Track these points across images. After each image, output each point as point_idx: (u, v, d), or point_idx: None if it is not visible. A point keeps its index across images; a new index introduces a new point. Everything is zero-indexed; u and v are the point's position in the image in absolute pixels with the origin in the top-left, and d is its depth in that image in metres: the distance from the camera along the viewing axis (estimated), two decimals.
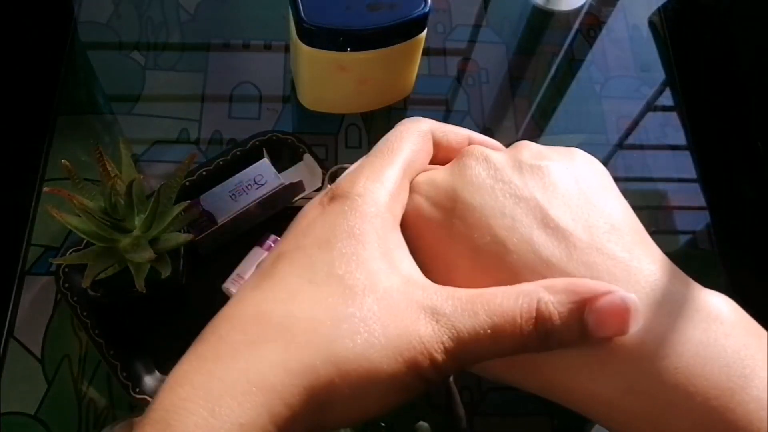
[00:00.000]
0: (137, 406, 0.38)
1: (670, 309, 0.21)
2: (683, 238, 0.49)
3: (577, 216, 0.23)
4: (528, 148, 0.25)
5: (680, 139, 0.52)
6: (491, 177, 0.24)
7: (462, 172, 0.24)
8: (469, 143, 0.27)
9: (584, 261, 0.22)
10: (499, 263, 0.23)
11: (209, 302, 0.31)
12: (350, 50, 0.42)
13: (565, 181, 0.24)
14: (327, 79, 0.46)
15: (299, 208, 0.24)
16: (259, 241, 0.42)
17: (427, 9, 0.42)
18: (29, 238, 0.44)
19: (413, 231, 0.24)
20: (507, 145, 0.27)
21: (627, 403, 0.21)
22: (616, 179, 0.26)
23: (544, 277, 0.22)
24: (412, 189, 0.25)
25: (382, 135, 0.25)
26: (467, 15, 0.56)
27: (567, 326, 0.20)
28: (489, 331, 0.20)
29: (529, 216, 0.23)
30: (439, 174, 0.25)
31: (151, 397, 0.37)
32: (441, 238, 0.24)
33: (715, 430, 0.20)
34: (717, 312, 0.21)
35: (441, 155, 0.27)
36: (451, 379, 0.41)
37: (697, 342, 0.21)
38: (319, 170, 0.44)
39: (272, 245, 0.41)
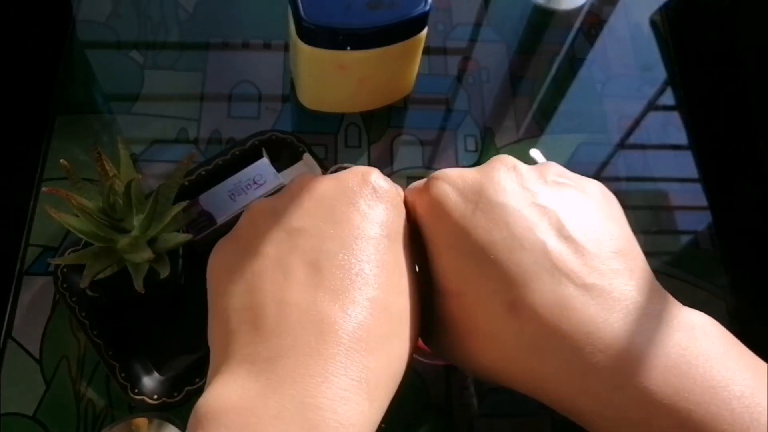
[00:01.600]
0: (136, 406, 0.38)
1: (653, 323, 0.23)
2: (685, 238, 0.49)
3: (588, 233, 0.25)
4: (554, 168, 0.28)
5: (682, 138, 0.52)
6: (518, 183, 0.26)
7: (490, 174, 0.27)
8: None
9: (593, 266, 0.24)
10: (510, 258, 0.24)
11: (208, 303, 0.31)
12: (350, 49, 0.42)
13: (580, 203, 0.26)
14: (327, 78, 0.45)
15: None
16: None
17: (427, 8, 0.41)
18: (27, 238, 0.44)
19: (434, 213, 0.27)
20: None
21: (617, 398, 0.22)
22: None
23: (552, 277, 0.24)
24: (440, 177, 0.27)
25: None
26: (468, 14, 0.55)
27: None
28: None
29: (547, 224, 0.25)
30: (469, 171, 0.27)
31: (150, 397, 0.37)
32: (461, 225, 0.26)
33: (693, 428, 0.21)
34: (694, 323, 0.23)
35: None
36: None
37: (678, 346, 0.22)
38: (319, 170, 0.44)
39: None
